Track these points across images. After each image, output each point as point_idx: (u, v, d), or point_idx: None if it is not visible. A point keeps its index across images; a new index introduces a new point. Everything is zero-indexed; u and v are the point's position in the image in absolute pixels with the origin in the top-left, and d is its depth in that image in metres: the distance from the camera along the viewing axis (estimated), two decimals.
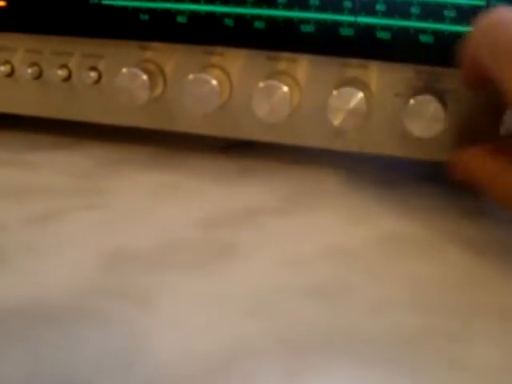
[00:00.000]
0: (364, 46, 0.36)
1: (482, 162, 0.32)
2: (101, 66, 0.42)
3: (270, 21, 0.37)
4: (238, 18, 0.38)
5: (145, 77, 0.39)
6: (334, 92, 0.36)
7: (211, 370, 0.24)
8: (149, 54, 0.40)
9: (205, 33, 0.39)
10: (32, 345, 0.25)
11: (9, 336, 0.25)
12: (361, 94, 0.36)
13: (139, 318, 0.26)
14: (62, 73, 0.42)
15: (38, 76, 0.43)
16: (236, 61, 0.39)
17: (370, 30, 0.36)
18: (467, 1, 0.34)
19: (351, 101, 0.36)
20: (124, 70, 0.39)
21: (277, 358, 0.24)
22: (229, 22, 0.38)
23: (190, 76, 0.38)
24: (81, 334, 0.25)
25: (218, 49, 0.39)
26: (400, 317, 0.27)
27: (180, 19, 0.39)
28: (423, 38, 0.36)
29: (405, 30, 0.36)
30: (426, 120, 0.35)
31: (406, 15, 0.35)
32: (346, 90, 0.36)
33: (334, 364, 0.24)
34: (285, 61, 0.38)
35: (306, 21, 0.37)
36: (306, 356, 0.24)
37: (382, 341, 0.25)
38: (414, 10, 0.35)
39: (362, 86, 0.37)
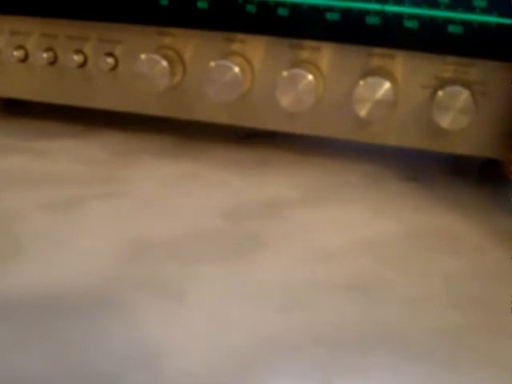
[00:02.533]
0: (391, 36, 0.36)
1: None
2: (117, 51, 0.41)
3: (294, 8, 0.36)
4: (261, 5, 0.37)
5: (165, 63, 0.38)
6: (361, 82, 0.35)
7: (241, 365, 0.23)
8: (168, 41, 0.39)
9: (226, 19, 0.38)
10: (52, 336, 0.24)
11: (28, 326, 0.24)
12: (388, 84, 0.35)
13: (165, 309, 0.26)
14: (77, 58, 0.41)
15: (53, 61, 0.42)
16: (257, 48, 0.38)
17: (397, 18, 0.35)
18: None
19: (378, 91, 0.35)
20: (143, 56, 0.38)
21: (310, 355, 0.23)
22: (251, 8, 0.37)
23: (212, 63, 0.37)
24: (103, 325, 0.24)
25: (240, 36, 0.38)
26: (437, 312, 0.26)
27: (201, 4, 0.38)
28: (451, 28, 0.35)
29: (433, 19, 0.35)
30: (454, 112, 0.34)
31: (435, 5, 0.34)
32: (373, 79, 0.35)
33: (371, 361, 0.23)
34: (308, 49, 0.37)
35: (332, 8, 0.36)
36: (340, 353, 0.24)
37: (420, 337, 0.24)
38: None
39: (388, 76, 0.36)
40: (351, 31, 0.36)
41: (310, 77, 0.36)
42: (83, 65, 0.41)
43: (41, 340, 0.24)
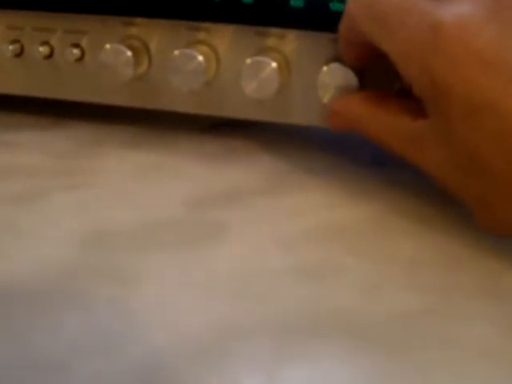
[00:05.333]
0: None
1: (353, 107, 0.33)
2: (84, 42, 0.40)
3: None
4: None
5: (129, 53, 0.38)
6: (324, 68, 0.35)
7: (197, 352, 0.23)
8: (133, 30, 0.39)
9: (191, 8, 0.37)
10: (3, 324, 0.24)
11: None
12: (350, 71, 0.34)
13: (123, 298, 0.25)
14: (43, 50, 0.41)
15: (19, 53, 0.41)
16: (223, 37, 0.38)
17: None
18: None
19: (341, 77, 0.34)
20: (108, 46, 0.38)
21: (264, 341, 0.23)
22: None
23: (176, 52, 0.37)
24: (60, 315, 0.24)
25: (205, 24, 0.38)
26: (393, 297, 0.26)
27: None
28: None
29: None
30: None
31: None
32: (336, 66, 0.35)
33: (323, 347, 0.23)
34: (273, 37, 0.37)
35: None
36: (294, 339, 0.23)
37: (373, 323, 0.24)
38: None
39: None
40: (315, 18, 0.36)
41: (273, 64, 0.35)
42: (50, 56, 0.41)
43: None
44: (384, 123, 0.31)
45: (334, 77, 0.34)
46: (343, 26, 0.33)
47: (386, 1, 0.30)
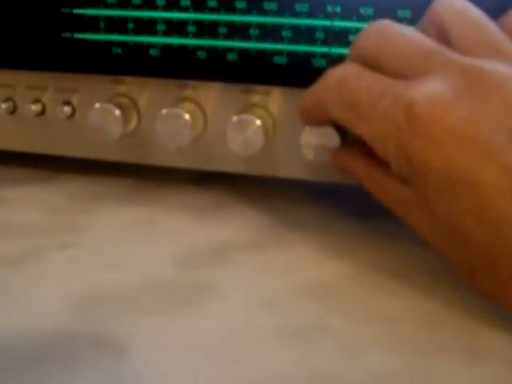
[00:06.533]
0: None
1: (350, 160, 0.34)
2: (74, 100, 0.41)
3: (243, 53, 0.37)
4: (211, 51, 0.38)
5: (118, 112, 0.38)
6: (307, 127, 0.35)
7: None
8: (122, 88, 0.40)
9: (178, 66, 0.38)
10: None
11: None
12: (332, 129, 0.35)
13: (111, 365, 0.26)
14: (35, 107, 0.42)
15: (13, 111, 0.42)
16: (210, 94, 0.39)
17: (343, 60, 0.36)
18: None
19: (323, 136, 0.35)
20: (97, 105, 0.39)
21: None
22: (201, 54, 0.38)
23: (163, 111, 0.37)
24: (50, 382, 0.25)
25: (192, 82, 0.39)
26: (376, 359, 0.26)
27: (153, 52, 0.38)
28: None
29: None
30: None
31: None
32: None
33: None
34: (259, 93, 0.38)
35: (279, 52, 0.37)
36: None
37: (354, 383, 0.25)
38: None
39: None
40: (299, 74, 0.37)
41: (258, 122, 0.36)
42: (42, 113, 0.42)
43: None
44: (376, 181, 0.32)
45: (316, 135, 0.35)
46: (308, 105, 0.33)
47: (355, 87, 0.30)
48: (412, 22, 0.34)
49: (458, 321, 0.29)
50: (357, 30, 0.35)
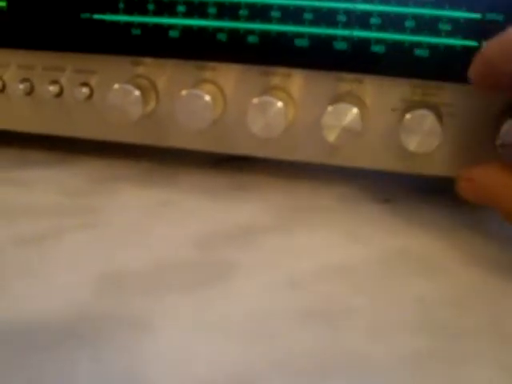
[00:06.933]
0: (359, 60, 0.36)
1: (499, 178, 0.31)
2: (92, 81, 0.41)
3: (264, 35, 0.37)
4: (231, 33, 0.37)
5: (137, 92, 0.38)
6: (329, 108, 0.35)
7: None
8: (141, 70, 0.40)
9: (197, 48, 0.38)
10: (26, 372, 0.24)
11: (2, 362, 0.25)
12: (355, 110, 0.35)
13: (136, 343, 0.26)
14: (53, 88, 0.41)
15: (30, 92, 0.42)
16: (229, 76, 0.39)
17: (364, 43, 0.36)
18: (462, 14, 0.34)
19: (346, 117, 0.35)
20: (116, 85, 0.39)
21: None
22: (222, 36, 0.38)
23: (183, 92, 0.37)
24: (75, 361, 0.25)
25: (211, 63, 0.39)
26: (402, 341, 0.26)
27: (172, 34, 0.38)
28: (418, 52, 0.35)
29: (399, 43, 0.35)
30: (421, 135, 0.35)
31: (401, 29, 0.35)
32: (341, 106, 0.35)
33: None
34: (279, 76, 0.38)
35: (300, 35, 0.36)
36: (300, 382, 0.24)
37: (383, 366, 0.25)
38: (409, 23, 0.35)
39: (357, 100, 0.36)
40: (320, 57, 0.37)
41: (279, 104, 0.36)
42: (59, 95, 0.42)
43: (9, 376, 0.24)
44: None
45: (338, 117, 0.35)
46: (477, 72, 0.31)
47: None
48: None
49: (485, 304, 0.29)
50: (378, 13, 0.35)
